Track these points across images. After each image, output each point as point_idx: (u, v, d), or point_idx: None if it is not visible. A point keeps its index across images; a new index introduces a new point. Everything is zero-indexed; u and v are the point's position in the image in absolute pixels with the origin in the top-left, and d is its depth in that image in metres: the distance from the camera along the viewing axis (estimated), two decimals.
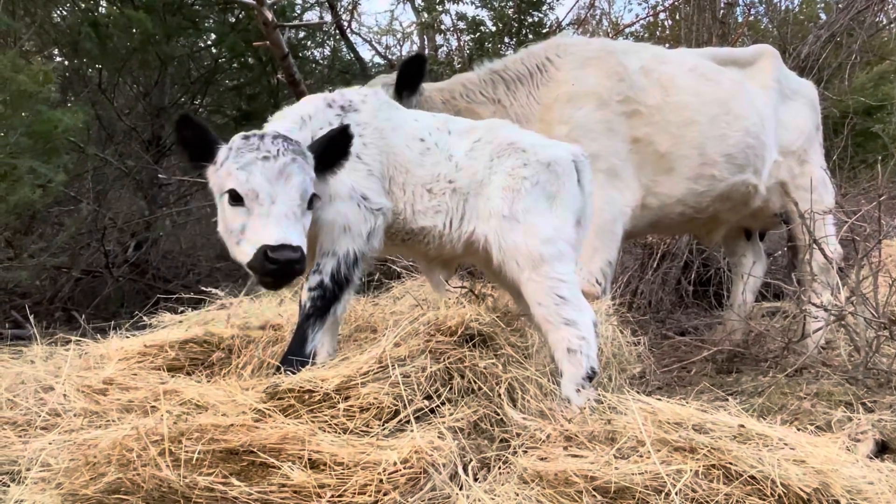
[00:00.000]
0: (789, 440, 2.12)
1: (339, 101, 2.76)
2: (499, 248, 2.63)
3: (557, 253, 2.59)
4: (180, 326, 3.12)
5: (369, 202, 2.61)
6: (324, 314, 2.56)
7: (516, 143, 2.74)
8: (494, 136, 2.80)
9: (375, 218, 2.62)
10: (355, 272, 2.60)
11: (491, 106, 3.85)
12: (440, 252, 2.80)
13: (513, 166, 2.68)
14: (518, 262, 2.59)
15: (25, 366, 2.75)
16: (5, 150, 4.21)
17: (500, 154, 2.72)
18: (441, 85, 3.99)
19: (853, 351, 3.61)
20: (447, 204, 2.70)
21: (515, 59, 4.02)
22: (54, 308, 5.50)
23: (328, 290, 2.56)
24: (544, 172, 2.67)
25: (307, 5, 7.72)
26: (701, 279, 5.95)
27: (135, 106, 7.16)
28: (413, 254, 2.99)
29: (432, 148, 2.75)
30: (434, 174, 2.72)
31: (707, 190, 4.10)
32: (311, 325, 2.54)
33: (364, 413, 2.16)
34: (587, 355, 2.52)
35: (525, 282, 2.59)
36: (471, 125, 2.93)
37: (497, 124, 2.93)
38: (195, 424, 1.99)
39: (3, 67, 4.19)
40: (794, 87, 4.70)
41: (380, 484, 1.87)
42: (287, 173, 2.30)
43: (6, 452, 2.18)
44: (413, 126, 2.79)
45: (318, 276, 2.57)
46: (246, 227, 2.30)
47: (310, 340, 2.53)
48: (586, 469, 1.94)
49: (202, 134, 2.42)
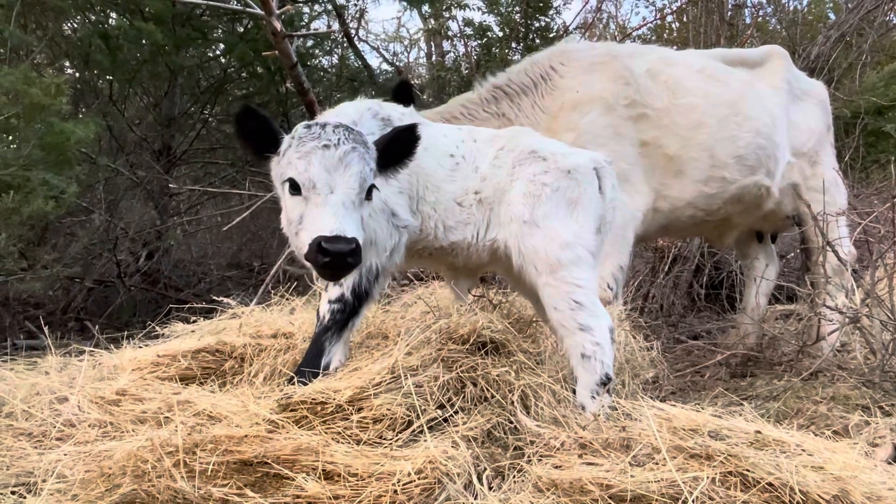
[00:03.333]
0: (807, 446, 2.10)
1: (381, 114, 2.75)
2: (518, 253, 2.63)
3: (575, 258, 2.59)
4: (192, 336, 3.13)
5: (398, 219, 2.61)
6: (342, 328, 2.55)
7: (538, 152, 2.76)
8: (517, 144, 2.81)
9: (400, 235, 2.62)
10: (375, 286, 2.59)
11: (495, 121, 3.83)
12: (467, 262, 2.81)
13: (534, 173, 2.69)
14: (536, 266, 2.59)
15: (40, 377, 2.77)
16: (18, 163, 4.25)
17: (522, 161, 2.73)
18: (440, 109, 3.96)
19: (869, 354, 3.58)
20: (475, 215, 2.72)
21: (518, 71, 3.99)
22: (67, 318, 5.54)
23: (349, 304, 2.54)
24: (564, 179, 2.68)
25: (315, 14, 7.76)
26: (713, 282, 5.91)
27: (145, 116, 7.22)
28: (437, 266, 2.98)
29: (461, 162, 2.76)
30: (463, 188, 2.73)
31: (718, 192, 4.08)
32: (329, 339, 2.52)
33: (377, 424, 2.16)
34: (602, 361, 2.51)
35: (542, 286, 2.59)
36: (494, 134, 2.93)
37: (520, 132, 2.94)
38: (209, 436, 1.99)
39: (15, 81, 4.24)
40: (804, 88, 4.67)
41: (394, 495, 1.86)
42: (346, 162, 2.25)
43: (22, 463, 2.19)
44: (443, 143, 2.79)
45: (339, 288, 2.55)
46: (303, 217, 2.25)
47: (326, 353, 2.52)
48: (601, 477, 1.93)
49: (265, 125, 2.35)
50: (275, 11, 4.38)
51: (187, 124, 7.25)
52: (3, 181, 4.19)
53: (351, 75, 8.09)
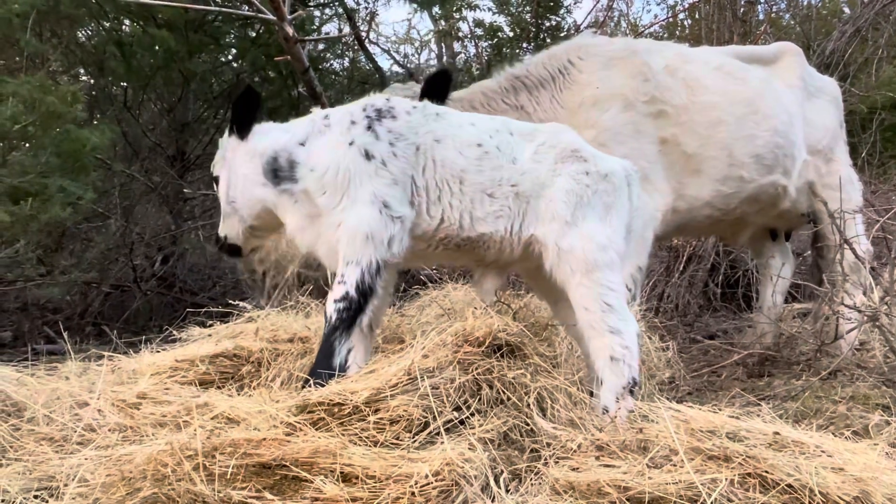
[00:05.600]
0: (826, 447, 2.08)
1: (379, 106, 2.75)
2: (556, 251, 2.61)
3: (609, 261, 2.58)
4: (210, 340, 3.16)
5: (391, 209, 2.59)
6: (350, 326, 2.55)
7: (579, 151, 2.75)
8: (559, 140, 2.78)
9: (395, 225, 2.60)
10: (378, 281, 2.58)
11: (514, 113, 3.79)
12: (498, 257, 2.77)
13: (577, 171, 2.68)
14: (571, 265, 2.57)
15: (60, 381, 2.79)
16: (36, 170, 4.30)
17: (565, 159, 2.71)
18: (460, 94, 3.93)
19: (889, 352, 3.54)
20: (510, 208, 2.68)
21: (537, 63, 3.93)
22: (85, 323, 5.60)
23: (353, 301, 2.54)
24: (602, 182, 2.68)
25: (326, 18, 7.79)
26: (728, 281, 5.87)
27: (159, 122, 7.28)
28: (465, 260, 2.96)
29: (492, 152, 2.72)
30: (495, 178, 2.69)
31: (735, 192, 4.03)
32: (338, 338, 2.53)
33: (394, 426, 2.17)
34: (630, 365, 2.50)
35: (575, 286, 2.57)
36: (533, 127, 2.91)
37: (561, 128, 2.91)
38: (228, 439, 2.01)
39: (32, 89, 4.29)
40: (817, 85, 4.63)
41: (412, 497, 1.87)
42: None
43: (44, 468, 2.22)
44: (468, 132, 2.76)
45: (342, 287, 2.55)
46: None
47: (337, 353, 2.52)
48: (619, 479, 1.92)
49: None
50: (286, 17, 4.41)
51: (201, 129, 7.31)
52: (21, 188, 4.25)
53: (362, 78, 8.12)
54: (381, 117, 2.70)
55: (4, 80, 4.40)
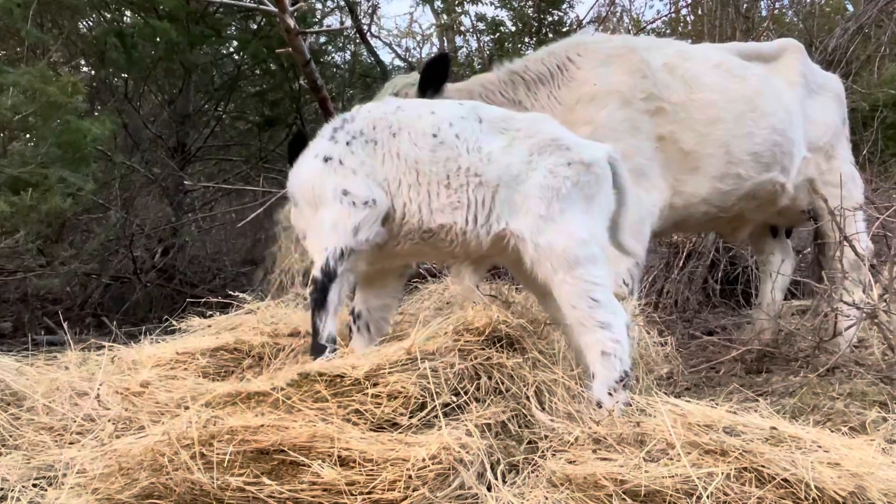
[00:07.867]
0: (823, 442, 2.08)
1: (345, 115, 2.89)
2: (534, 248, 2.56)
3: (592, 255, 2.54)
4: (210, 332, 3.16)
5: (351, 195, 2.67)
6: (323, 304, 2.70)
7: (560, 140, 2.68)
8: (537, 130, 2.72)
9: (361, 211, 2.65)
10: (340, 265, 2.69)
11: (511, 108, 3.79)
12: (466, 250, 2.72)
13: (555, 164, 2.61)
14: (552, 263, 2.53)
15: (60, 372, 2.81)
16: (36, 161, 4.30)
17: (543, 150, 2.65)
18: (460, 85, 3.92)
19: (887, 349, 3.54)
20: (468, 198, 2.63)
21: (535, 59, 3.92)
22: (85, 314, 5.61)
23: (319, 282, 2.70)
24: (585, 173, 2.62)
25: (327, 11, 7.78)
26: (728, 278, 5.87)
27: (160, 114, 7.28)
28: (439, 255, 2.96)
29: (448, 141, 2.67)
30: (451, 168, 2.64)
31: (733, 189, 4.03)
32: (318, 315, 2.70)
33: (392, 401, 2.18)
34: (621, 358, 2.48)
35: (559, 284, 2.54)
36: (508, 115, 2.85)
37: (540, 118, 2.86)
38: (226, 426, 2.02)
39: (33, 80, 4.29)
40: (819, 82, 4.62)
41: (409, 480, 1.88)
42: None
43: (43, 457, 2.23)
44: (425, 122, 2.73)
45: (313, 272, 2.74)
46: None
47: (322, 329, 2.68)
48: (616, 472, 1.93)
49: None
50: (288, 8, 4.39)
51: (202, 121, 7.31)
52: (21, 179, 4.25)
53: (364, 71, 8.11)
54: (343, 124, 2.82)
55: (5, 71, 4.40)
